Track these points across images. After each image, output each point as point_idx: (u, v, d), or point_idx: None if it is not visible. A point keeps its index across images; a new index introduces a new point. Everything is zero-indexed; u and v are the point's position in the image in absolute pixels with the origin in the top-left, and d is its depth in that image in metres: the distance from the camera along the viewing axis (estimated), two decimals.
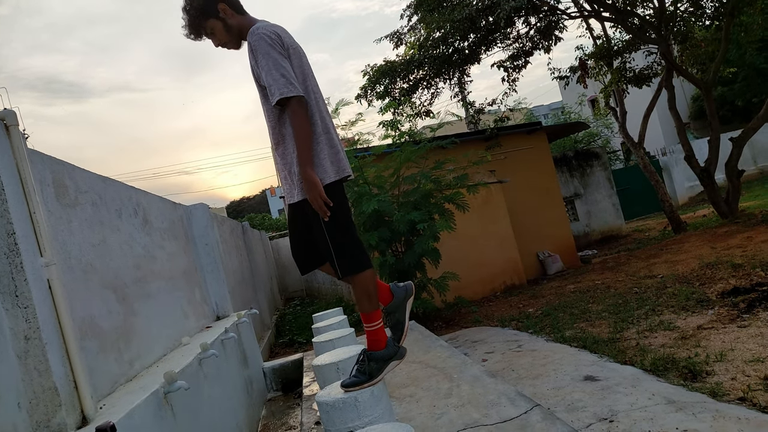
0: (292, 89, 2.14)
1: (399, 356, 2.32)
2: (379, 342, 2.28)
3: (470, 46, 10.23)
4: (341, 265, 2.26)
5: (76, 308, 2.27)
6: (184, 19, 2.37)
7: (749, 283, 5.27)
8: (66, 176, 2.54)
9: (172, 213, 4.31)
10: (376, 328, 2.29)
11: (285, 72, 2.16)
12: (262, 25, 2.27)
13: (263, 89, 2.27)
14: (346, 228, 2.27)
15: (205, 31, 2.38)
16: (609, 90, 11.86)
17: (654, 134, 19.52)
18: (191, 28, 2.37)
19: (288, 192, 2.33)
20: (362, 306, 2.30)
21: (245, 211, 39.56)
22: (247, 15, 2.40)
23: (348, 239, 2.26)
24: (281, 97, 2.13)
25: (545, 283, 8.86)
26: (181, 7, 2.36)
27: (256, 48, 2.20)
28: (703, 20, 10.67)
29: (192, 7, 2.33)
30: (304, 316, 10.11)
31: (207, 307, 4.58)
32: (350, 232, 2.29)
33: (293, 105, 2.15)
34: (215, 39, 2.39)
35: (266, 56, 2.17)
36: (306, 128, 2.16)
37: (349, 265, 2.27)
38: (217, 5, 2.32)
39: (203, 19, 2.34)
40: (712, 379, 3.33)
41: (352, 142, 7.18)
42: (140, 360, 2.82)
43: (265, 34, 2.21)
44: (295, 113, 2.16)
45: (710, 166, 10.29)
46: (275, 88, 2.14)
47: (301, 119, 2.16)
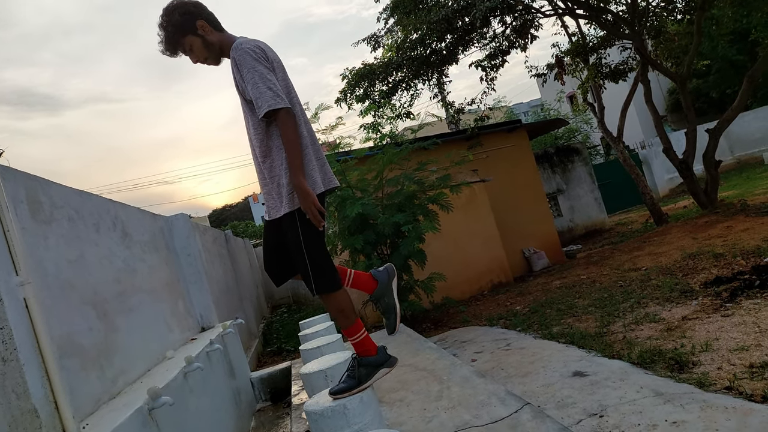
0: (279, 101, 2.14)
1: (389, 364, 2.30)
2: (368, 351, 2.27)
3: (447, 46, 10.26)
4: (318, 283, 2.25)
5: (54, 326, 2.22)
6: (161, 36, 2.33)
7: (731, 272, 5.34)
8: (40, 192, 2.48)
9: (152, 225, 4.25)
10: (362, 338, 2.28)
11: (271, 85, 2.16)
12: (245, 40, 2.27)
13: (248, 103, 2.26)
14: (323, 245, 2.28)
15: (183, 48, 2.35)
16: (586, 86, 11.97)
17: (632, 128, 19.77)
18: (168, 44, 2.34)
19: (273, 206, 2.29)
20: (340, 323, 2.30)
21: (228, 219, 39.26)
22: (225, 32, 2.39)
23: (325, 257, 2.27)
24: (269, 109, 2.13)
25: (531, 279, 8.91)
26: (158, 24, 2.32)
27: (241, 62, 2.19)
28: (675, 14, 10.83)
29: (170, 24, 2.30)
30: (292, 323, 10.04)
31: (191, 319, 4.52)
32: (325, 248, 2.31)
33: (282, 117, 2.15)
34: (193, 56, 2.37)
35: (252, 70, 2.17)
36: (296, 139, 2.17)
37: (324, 284, 2.26)
38: (196, 22, 2.30)
39: (181, 36, 2.31)
40: (698, 369, 3.36)
41: (333, 146, 7.16)
42: (123, 376, 2.77)
43: (250, 48, 2.20)
44: (284, 125, 2.15)
45: (688, 157, 10.43)
46: (262, 101, 2.13)
47: (291, 130, 2.16)
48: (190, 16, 2.29)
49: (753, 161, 17.86)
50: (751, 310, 4.17)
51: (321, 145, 7.24)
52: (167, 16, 2.30)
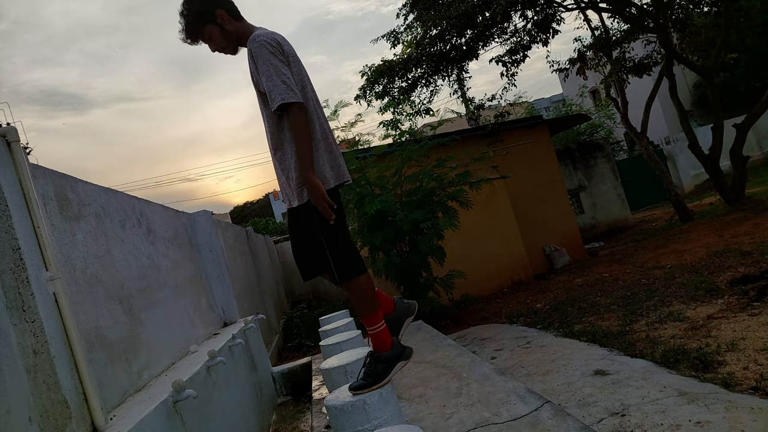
0: (292, 95, 2.16)
1: (405, 356, 2.31)
2: (384, 343, 2.28)
3: (467, 42, 10.22)
4: (339, 270, 2.27)
5: (82, 320, 2.28)
6: (182, 24, 2.38)
7: (758, 270, 5.23)
8: (69, 189, 2.54)
9: (176, 221, 4.32)
10: (380, 329, 2.29)
11: (286, 79, 2.18)
12: (262, 33, 2.28)
13: (263, 95, 2.29)
14: (342, 233, 2.30)
15: (203, 36, 2.39)
16: (609, 81, 11.81)
17: (657, 123, 19.43)
18: (188, 32, 2.38)
19: (287, 197, 2.34)
20: (362, 310, 2.30)
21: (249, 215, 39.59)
22: (244, 21, 2.41)
23: (343, 245, 2.28)
24: (282, 103, 2.15)
25: (552, 277, 8.83)
26: (179, 12, 2.37)
27: (257, 55, 2.22)
28: (702, 6, 10.61)
29: (190, 13, 2.34)
30: (312, 319, 10.10)
31: (214, 314, 4.58)
32: (345, 237, 2.32)
33: (294, 111, 2.17)
34: (212, 44, 2.40)
35: (267, 63, 2.19)
36: (306, 134, 2.18)
37: (345, 271, 2.28)
38: (215, 11, 2.33)
39: (201, 25, 2.35)
40: (723, 369, 3.30)
41: (353, 143, 7.18)
42: (148, 370, 2.82)
43: (266, 41, 2.22)
44: (295, 119, 2.17)
45: (715, 153, 10.23)
46: (276, 94, 2.16)
47: (302, 125, 2.18)
48: (210, 5, 2.33)
49: None
50: None
51: (340, 142, 7.29)
52: (188, 4, 2.34)
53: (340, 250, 2.26)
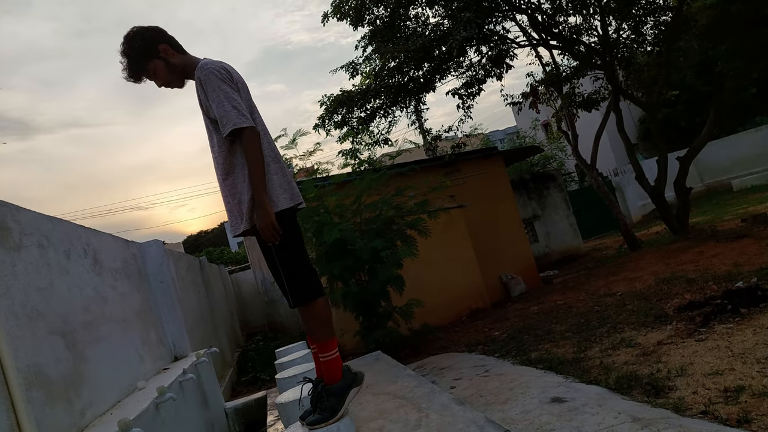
0: (244, 120, 2.18)
1: (357, 382, 2.27)
2: (334, 373, 2.23)
3: (425, 74, 10.45)
4: (293, 293, 2.24)
5: (21, 357, 2.15)
6: (123, 63, 2.35)
7: (703, 296, 5.43)
8: (9, 218, 2.42)
9: (125, 251, 4.17)
10: (333, 357, 2.25)
11: (236, 104, 2.20)
12: (209, 61, 2.30)
13: (213, 122, 2.29)
14: (299, 255, 2.28)
15: (147, 73, 2.38)
16: (560, 114, 12.26)
17: (605, 155, 20.22)
18: (132, 71, 2.37)
19: (235, 223, 2.31)
20: (317, 335, 2.25)
21: (203, 245, 38.68)
22: (187, 54, 2.42)
23: (300, 267, 2.26)
24: (234, 128, 2.16)
25: (509, 305, 8.93)
26: (120, 52, 2.34)
27: (206, 81, 2.23)
28: (645, 46, 11.22)
29: (132, 50, 2.33)
30: (268, 351, 9.85)
31: (164, 348, 4.41)
32: (302, 259, 2.31)
33: (247, 135, 2.18)
34: (158, 79, 2.39)
35: (217, 89, 2.20)
36: (260, 157, 2.20)
37: (301, 293, 2.25)
38: (158, 45, 2.34)
39: (145, 61, 2.34)
40: (674, 394, 3.38)
41: (312, 172, 7.16)
42: (92, 408, 2.67)
43: (215, 68, 2.24)
44: (249, 143, 2.18)
45: (660, 184, 10.69)
46: (227, 120, 2.17)
47: (255, 149, 2.19)
48: (152, 41, 2.33)
49: (722, 188, 18.37)
50: (723, 334, 4.24)
51: (298, 171, 7.26)
52: (128, 42, 2.33)
53: (296, 272, 2.25)
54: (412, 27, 10.29)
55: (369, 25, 10.42)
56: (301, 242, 2.35)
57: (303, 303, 2.25)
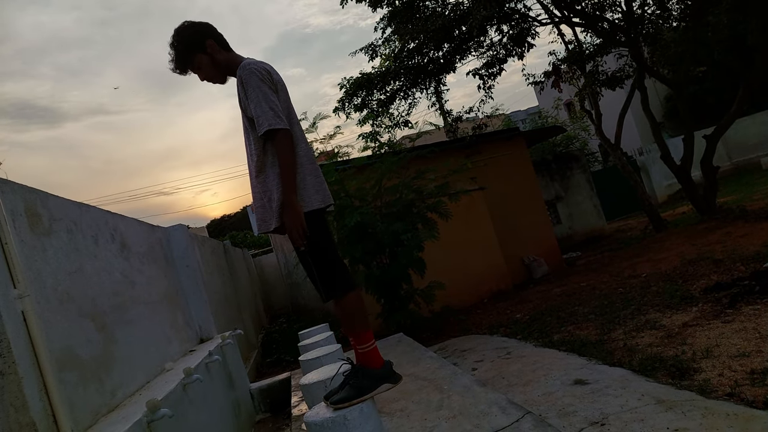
0: (279, 122, 2.22)
1: (393, 380, 2.27)
2: (374, 363, 2.24)
3: (445, 55, 10.33)
4: (325, 288, 2.28)
5: (53, 339, 2.21)
6: (171, 55, 2.43)
7: (730, 278, 5.33)
8: (39, 204, 2.48)
9: (151, 236, 4.25)
10: (370, 349, 2.25)
11: (273, 105, 2.24)
12: (252, 61, 2.35)
13: (250, 120, 2.34)
14: (330, 252, 2.32)
15: (192, 65, 2.44)
16: (583, 93, 12.01)
17: (630, 135, 19.81)
18: (178, 63, 2.44)
19: (265, 220, 2.33)
20: (352, 328, 2.27)
21: (227, 229, 39.11)
22: (233, 52, 2.47)
23: (331, 263, 2.30)
24: (269, 128, 2.20)
25: (531, 287, 8.89)
26: (169, 43, 2.42)
27: (247, 81, 2.28)
28: (671, 22, 10.90)
29: (180, 43, 2.39)
30: (291, 333, 9.99)
31: (190, 331, 4.50)
32: (333, 255, 2.34)
33: (280, 137, 2.22)
34: (201, 73, 2.46)
35: (256, 89, 2.25)
36: (291, 159, 2.24)
37: (332, 289, 2.28)
38: (206, 41, 2.39)
39: (191, 55, 2.41)
40: (699, 376, 3.34)
41: (332, 156, 7.18)
42: (122, 389, 2.75)
43: (256, 69, 2.29)
44: (281, 145, 2.22)
45: (686, 163, 10.46)
46: (263, 120, 2.21)
47: (288, 150, 2.23)
48: (200, 35, 2.39)
49: (750, 166, 17.90)
50: (751, 315, 4.16)
51: (319, 155, 7.28)
52: (178, 35, 2.40)
53: (326, 267, 2.28)
54: (431, 7, 10.14)
55: (388, 6, 10.31)
56: (331, 239, 2.39)
57: (335, 297, 2.29)
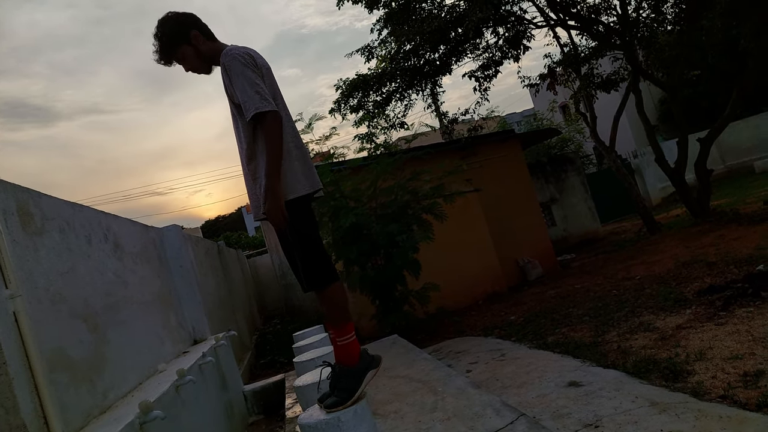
0: (267, 104, 2.18)
1: (374, 365, 2.28)
2: (352, 356, 2.24)
3: (441, 57, 10.34)
4: (307, 277, 2.27)
5: (44, 340, 2.19)
6: (155, 46, 2.41)
7: (724, 280, 5.36)
8: (31, 204, 2.46)
9: (144, 236, 4.22)
10: (349, 341, 2.26)
11: (259, 89, 2.21)
12: (234, 47, 2.33)
13: (237, 107, 2.32)
14: (313, 241, 2.30)
15: (177, 56, 2.42)
16: (578, 96, 12.05)
17: (624, 137, 19.88)
18: (162, 54, 2.41)
19: (257, 207, 2.33)
20: (333, 319, 2.27)
21: (221, 229, 39.05)
22: (217, 41, 2.46)
23: (314, 252, 2.28)
24: (256, 112, 2.17)
25: (526, 289, 8.91)
26: (153, 34, 2.40)
27: (230, 67, 2.25)
28: (665, 25, 10.95)
29: (164, 34, 2.37)
30: (285, 334, 9.96)
31: (183, 332, 4.48)
32: (317, 245, 2.32)
33: (268, 120, 2.19)
34: (186, 64, 2.44)
35: (240, 75, 2.22)
36: (278, 142, 2.20)
37: (315, 278, 2.27)
38: (189, 32, 2.38)
39: (175, 46, 2.39)
40: (693, 378, 3.35)
41: (327, 156, 7.16)
42: (114, 390, 2.73)
43: (239, 54, 2.27)
44: (269, 127, 2.19)
45: (680, 166, 10.50)
46: (250, 104, 2.18)
47: (275, 133, 2.20)
48: (184, 26, 2.37)
49: (744, 170, 17.99)
50: (744, 318, 4.18)
51: (314, 155, 7.27)
52: (162, 26, 2.37)
53: (310, 257, 2.27)
54: (427, 9, 10.15)
55: (384, 8, 10.31)
56: (316, 228, 2.36)
57: (317, 288, 2.28)
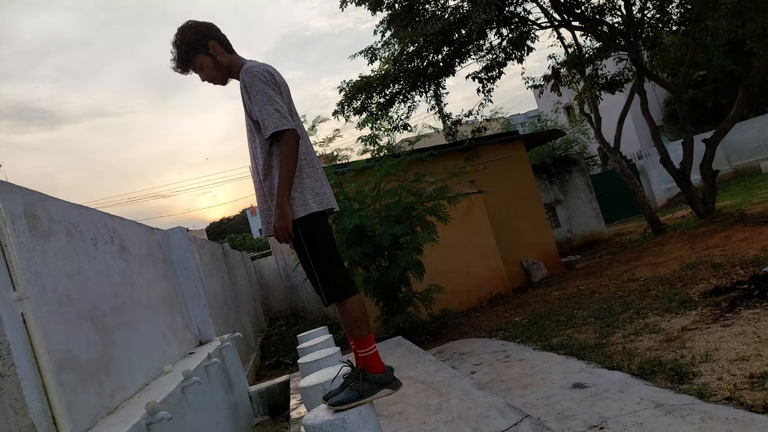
0: (286, 123, 2.21)
1: (394, 386, 2.26)
2: (375, 368, 2.24)
3: (444, 58, 10.34)
4: (327, 292, 2.28)
5: (52, 341, 2.21)
6: (173, 53, 2.42)
7: (730, 282, 5.34)
8: (38, 206, 2.48)
9: (150, 238, 4.25)
10: (371, 353, 2.25)
11: (279, 107, 2.24)
12: (255, 64, 2.35)
13: (255, 123, 2.33)
14: (330, 256, 2.30)
15: (194, 65, 2.44)
16: (583, 97, 12.04)
17: (629, 138, 19.85)
18: (180, 62, 2.43)
19: (270, 223, 2.34)
20: (353, 332, 2.27)
21: (226, 231, 39.14)
22: (235, 54, 2.47)
23: (332, 266, 2.29)
24: (276, 130, 2.19)
25: (530, 291, 8.89)
26: (172, 42, 2.41)
27: (250, 85, 2.27)
28: (670, 26, 10.93)
29: (183, 42, 2.39)
30: (290, 336, 10.00)
31: (189, 333, 4.50)
32: (334, 259, 2.32)
33: (287, 137, 2.22)
34: (203, 74, 2.45)
35: (260, 92, 2.24)
36: (294, 160, 2.23)
37: (334, 292, 2.28)
38: (208, 42, 2.39)
39: (193, 54, 2.40)
40: (698, 380, 3.34)
41: (331, 159, 7.18)
42: (121, 391, 2.75)
43: (259, 71, 2.29)
44: (287, 144, 2.22)
45: (685, 167, 10.47)
46: (270, 122, 2.21)
47: (291, 151, 2.22)
48: (203, 36, 2.39)
49: (750, 170, 17.93)
50: (750, 320, 4.17)
51: (318, 157, 7.28)
52: (181, 34, 2.39)
53: (328, 270, 2.27)
54: (431, 10, 10.16)
55: (387, 9, 10.32)
56: (332, 243, 2.36)
57: (335, 301, 2.29)
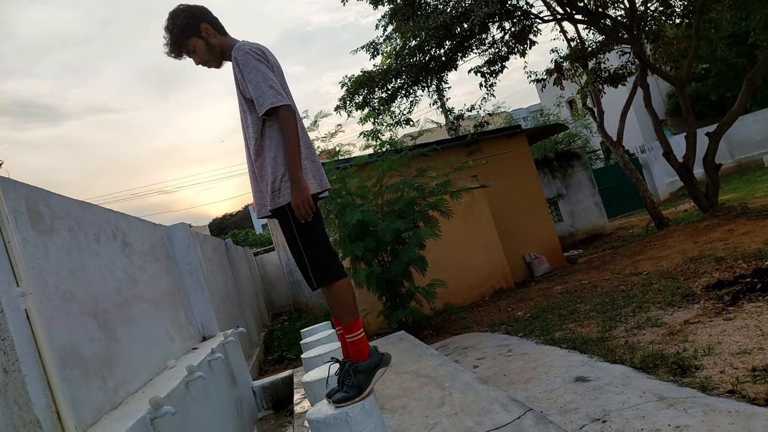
0: (281, 99, 2.20)
1: (384, 363, 2.29)
2: (362, 353, 2.25)
3: (446, 53, 10.31)
4: (315, 275, 2.28)
5: (55, 337, 2.22)
6: (166, 38, 2.42)
7: (732, 275, 5.33)
8: (41, 203, 2.49)
9: (152, 234, 4.25)
10: (358, 338, 2.27)
11: (273, 83, 2.23)
12: (246, 42, 2.35)
13: (249, 102, 2.32)
14: (321, 238, 2.30)
15: (187, 49, 2.43)
16: (585, 91, 12.00)
17: (632, 132, 19.79)
18: (173, 46, 2.43)
19: (262, 204, 2.34)
20: (341, 317, 2.28)
21: (228, 227, 39.19)
22: (228, 36, 2.47)
23: (320, 249, 2.28)
24: (271, 107, 2.18)
25: (533, 285, 8.89)
26: (164, 27, 2.40)
27: (243, 62, 2.27)
28: (674, 18, 10.87)
29: (175, 26, 2.38)
30: (293, 331, 10.02)
31: (192, 328, 4.51)
32: (324, 242, 2.33)
33: (283, 114, 2.21)
34: (196, 57, 2.45)
35: (254, 70, 2.24)
36: (296, 133, 2.22)
37: (323, 275, 2.28)
38: (200, 25, 2.39)
39: (185, 38, 2.40)
40: (701, 373, 3.34)
41: (333, 154, 7.17)
42: (125, 386, 2.76)
43: (251, 49, 2.28)
44: (285, 121, 2.21)
45: (688, 161, 10.44)
46: (264, 99, 2.20)
47: (291, 127, 2.21)
48: (195, 19, 2.38)
49: (753, 164, 17.86)
50: (753, 313, 4.16)
51: (320, 153, 7.29)
52: (173, 19, 2.38)
53: (317, 253, 2.27)
54: (432, 4, 10.12)
55: (389, 4, 10.30)
56: (322, 226, 2.37)
57: (324, 284, 2.28)
